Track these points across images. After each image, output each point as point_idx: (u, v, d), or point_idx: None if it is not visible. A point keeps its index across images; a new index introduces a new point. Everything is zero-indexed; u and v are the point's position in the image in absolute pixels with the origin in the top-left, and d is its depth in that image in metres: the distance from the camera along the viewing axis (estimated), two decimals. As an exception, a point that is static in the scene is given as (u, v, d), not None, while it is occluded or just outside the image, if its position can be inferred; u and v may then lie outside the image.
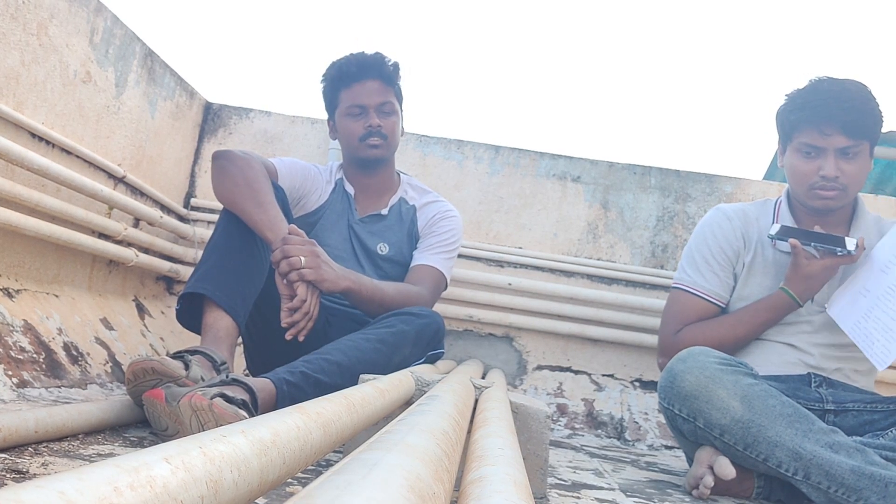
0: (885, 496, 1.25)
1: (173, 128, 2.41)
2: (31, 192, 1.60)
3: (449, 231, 1.93)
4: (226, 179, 1.58)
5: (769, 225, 1.74)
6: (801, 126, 1.63)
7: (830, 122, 1.59)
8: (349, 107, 1.88)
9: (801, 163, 1.65)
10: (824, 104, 1.60)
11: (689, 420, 1.43)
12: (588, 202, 2.59)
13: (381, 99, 1.88)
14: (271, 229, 1.50)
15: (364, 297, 1.61)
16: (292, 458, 0.49)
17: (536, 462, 1.13)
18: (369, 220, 1.93)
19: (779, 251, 1.71)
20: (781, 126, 1.71)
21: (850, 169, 1.61)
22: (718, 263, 1.74)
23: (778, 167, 3.27)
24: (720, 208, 1.81)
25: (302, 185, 1.89)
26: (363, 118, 1.87)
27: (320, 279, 1.48)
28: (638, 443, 2.30)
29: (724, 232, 1.76)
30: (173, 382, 1.24)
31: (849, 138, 1.59)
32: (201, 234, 2.46)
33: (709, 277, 1.73)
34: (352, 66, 1.87)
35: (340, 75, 1.89)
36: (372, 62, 1.88)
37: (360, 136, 1.88)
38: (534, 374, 2.47)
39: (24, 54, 1.62)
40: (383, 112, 1.89)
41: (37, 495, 0.24)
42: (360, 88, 1.87)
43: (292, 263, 1.45)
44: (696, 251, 1.77)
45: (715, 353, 1.46)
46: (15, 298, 1.61)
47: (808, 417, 1.36)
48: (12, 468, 0.86)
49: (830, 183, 1.62)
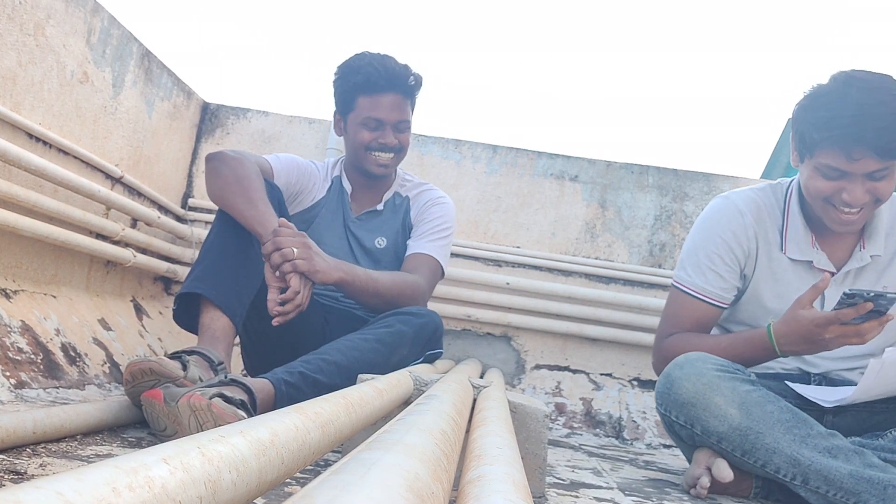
0: (884, 499, 1.24)
1: (171, 128, 2.41)
2: (28, 193, 1.60)
3: (440, 217, 1.90)
4: (217, 179, 1.58)
5: (780, 222, 1.59)
6: (826, 146, 1.41)
7: (861, 145, 1.36)
8: (366, 118, 1.82)
9: (821, 182, 1.45)
10: (855, 124, 1.36)
11: (686, 427, 1.42)
12: (586, 201, 2.60)
13: (400, 116, 1.83)
14: (261, 224, 1.48)
15: (358, 287, 1.58)
16: (291, 458, 0.49)
17: (535, 461, 1.13)
18: (365, 217, 1.93)
19: (790, 258, 1.58)
20: (801, 136, 1.49)
21: (877, 188, 1.42)
22: (725, 263, 1.59)
23: (789, 164, 3.21)
24: (730, 198, 1.62)
25: (298, 181, 1.88)
26: (378, 132, 1.83)
27: (313, 270, 1.46)
28: (636, 442, 2.30)
29: (734, 229, 1.59)
30: (171, 383, 1.24)
31: (881, 160, 1.38)
32: (199, 234, 2.46)
33: (710, 278, 1.59)
34: (380, 79, 1.80)
35: (365, 83, 1.81)
36: (399, 76, 1.81)
37: (372, 148, 1.84)
38: (532, 374, 2.48)
39: (20, 55, 1.61)
40: (399, 129, 1.84)
41: (35, 496, 0.24)
42: (381, 101, 1.81)
43: (285, 255, 1.42)
44: (701, 248, 1.61)
45: (713, 360, 1.43)
46: (12, 299, 1.61)
47: (807, 422, 1.35)
48: (10, 469, 0.86)
49: (854, 207, 1.43)
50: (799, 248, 1.58)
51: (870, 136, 1.35)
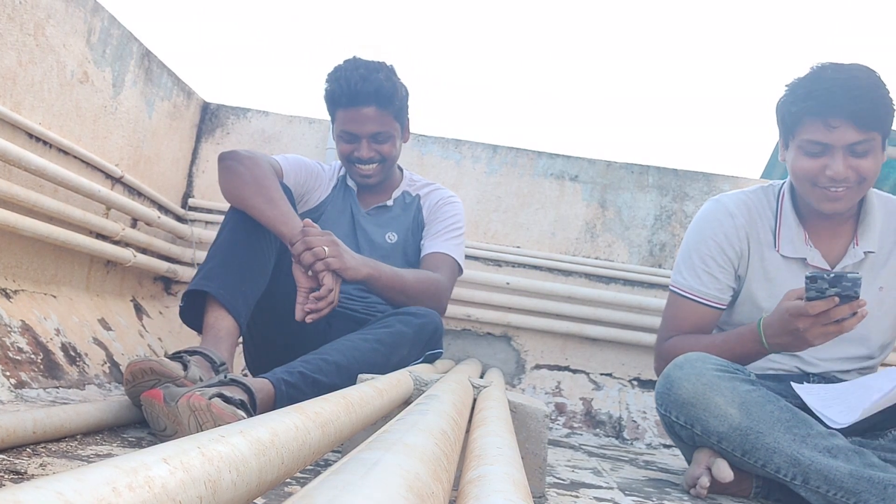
0: (884, 498, 1.24)
1: (171, 128, 2.41)
2: (28, 193, 1.60)
3: (453, 216, 1.94)
4: (234, 178, 1.59)
5: (772, 222, 1.62)
6: (805, 119, 1.47)
7: (837, 112, 1.42)
8: (342, 131, 1.83)
9: (805, 161, 1.49)
10: (829, 93, 1.43)
11: (686, 427, 1.42)
12: (586, 201, 2.60)
13: (375, 129, 1.80)
14: (285, 224, 1.51)
15: (384, 283, 1.61)
16: (291, 458, 0.49)
17: (535, 461, 1.13)
18: (375, 212, 1.94)
19: (783, 255, 1.60)
20: (782, 120, 1.55)
21: (861, 165, 1.45)
22: (718, 265, 1.61)
23: (779, 161, 3.21)
24: (720, 201, 1.66)
25: (306, 181, 1.89)
26: (354, 144, 1.83)
27: (344, 267, 1.50)
28: (636, 441, 2.30)
29: (725, 231, 1.61)
30: (172, 383, 1.24)
31: (859, 131, 1.42)
32: (199, 234, 2.46)
33: (706, 281, 1.61)
34: (346, 93, 1.77)
35: (340, 94, 1.79)
36: (366, 91, 1.77)
37: (351, 160, 1.85)
38: (532, 374, 2.48)
39: (21, 54, 1.62)
40: (378, 140, 1.82)
41: (35, 496, 0.24)
42: (354, 114, 1.79)
43: (316, 254, 1.46)
44: (694, 251, 1.64)
45: (712, 360, 1.43)
46: (12, 299, 1.61)
47: (807, 422, 1.35)
48: (10, 469, 0.86)
49: (839, 184, 1.46)
50: (792, 245, 1.59)
51: (845, 102, 1.41)
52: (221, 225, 1.60)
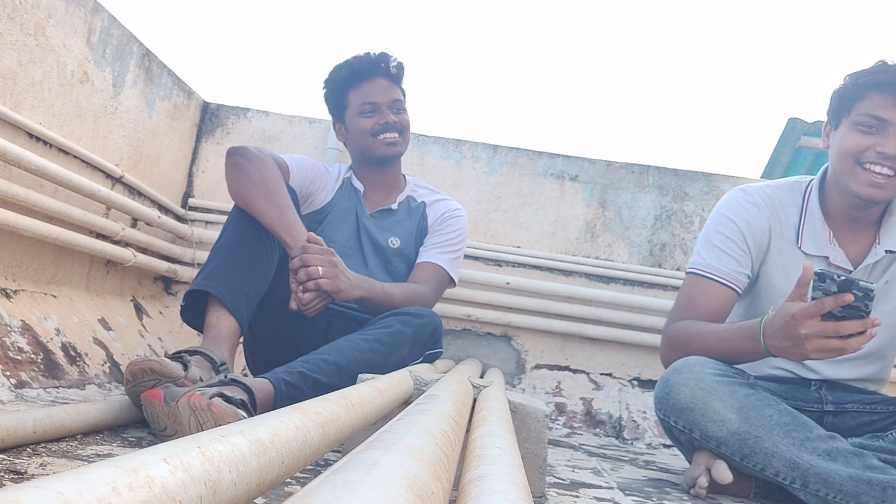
0: (883, 500, 1.24)
1: (171, 128, 2.41)
2: (28, 193, 1.60)
3: (456, 231, 1.96)
4: (243, 178, 1.59)
5: (796, 218, 1.57)
6: (869, 91, 1.44)
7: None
8: (362, 104, 1.90)
9: (857, 136, 1.44)
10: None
11: (685, 432, 1.42)
12: (586, 201, 2.60)
13: (392, 97, 1.91)
14: (290, 234, 1.53)
15: (375, 303, 1.66)
16: (291, 457, 0.49)
17: (535, 461, 1.13)
18: (379, 215, 1.95)
19: (805, 252, 1.55)
20: (843, 95, 1.50)
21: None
22: (738, 246, 1.56)
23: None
24: (746, 190, 1.60)
25: (311, 182, 1.90)
26: (376, 115, 1.90)
27: (336, 290, 1.53)
28: (636, 441, 2.30)
29: (748, 218, 1.57)
30: (172, 383, 1.24)
31: None
32: (199, 234, 2.46)
33: (725, 260, 1.55)
34: (363, 64, 1.90)
35: (350, 75, 1.91)
36: (380, 60, 1.91)
37: (375, 132, 1.90)
38: (532, 374, 2.48)
39: (21, 54, 1.62)
40: (395, 110, 1.92)
41: (35, 496, 0.24)
42: (370, 87, 1.90)
43: (310, 273, 1.49)
44: (714, 232, 1.59)
45: (711, 364, 1.41)
46: (13, 299, 1.61)
47: (806, 424, 1.34)
48: (11, 469, 0.86)
49: (885, 164, 1.42)
50: (815, 244, 1.55)
51: None
52: (225, 224, 1.60)
